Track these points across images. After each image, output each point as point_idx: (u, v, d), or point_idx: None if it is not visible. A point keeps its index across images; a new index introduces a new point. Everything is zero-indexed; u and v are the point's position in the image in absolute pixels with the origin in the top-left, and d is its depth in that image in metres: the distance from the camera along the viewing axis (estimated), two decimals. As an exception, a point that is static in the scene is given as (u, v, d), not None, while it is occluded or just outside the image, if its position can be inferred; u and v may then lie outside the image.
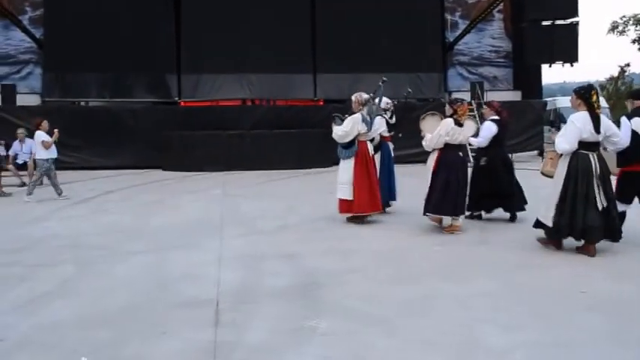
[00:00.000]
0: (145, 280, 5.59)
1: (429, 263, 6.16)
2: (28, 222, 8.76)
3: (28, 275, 5.79)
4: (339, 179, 8.15)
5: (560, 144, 6.18)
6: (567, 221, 6.11)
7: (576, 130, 6.05)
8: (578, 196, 6.07)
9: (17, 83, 18.63)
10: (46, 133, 11.05)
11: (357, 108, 8.09)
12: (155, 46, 18.43)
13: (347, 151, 8.09)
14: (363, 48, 19.05)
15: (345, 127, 8.00)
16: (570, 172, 6.12)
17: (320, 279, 5.52)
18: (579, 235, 6.17)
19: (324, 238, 7.37)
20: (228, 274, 5.72)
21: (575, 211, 6.06)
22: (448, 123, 7.42)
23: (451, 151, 7.47)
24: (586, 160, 6.10)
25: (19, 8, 19.01)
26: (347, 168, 8.07)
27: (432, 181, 7.48)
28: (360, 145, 8.07)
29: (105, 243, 7.24)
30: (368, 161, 8.10)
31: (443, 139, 7.39)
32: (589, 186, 6.07)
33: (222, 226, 8.19)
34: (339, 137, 8.08)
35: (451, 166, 7.42)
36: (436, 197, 7.40)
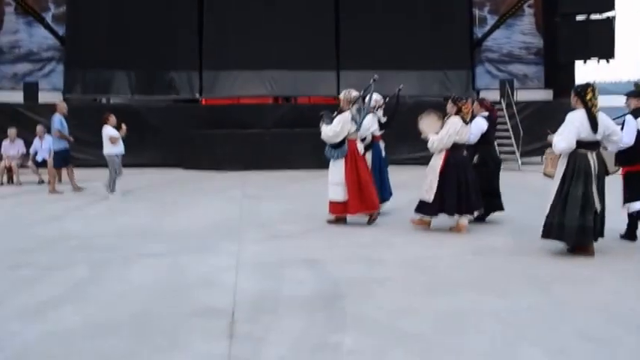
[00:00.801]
0: (158, 285, 5.27)
1: (462, 273, 5.73)
2: (44, 221, 8.52)
3: (39, 278, 5.52)
4: (331, 180, 7.90)
5: (558, 143, 6.07)
6: (558, 222, 6.04)
7: (573, 129, 5.96)
8: (570, 197, 5.99)
9: (40, 80, 18.49)
10: (113, 127, 11.03)
11: (345, 106, 7.83)
12: (177, 43, 18.18)
13: (336, 151, 7.84)
14: (387, 44, 18.57)
15: (335, 126, 7.73)
16: (567, 171, 6.06)
17: (344, 288, 5.14)
18: (571, 237, 6.09)
19: (347, 244, 6.98)
20: (245, 281, 5.37)
21: (565, 211, 5.99)
22: (456, 122, 7.21)
23: (458, 151, 7.31)
24: (584, 160, 6.02)
25: (43, 5, 18.88)
26: (338, 169, 7.84)
27: (442, 182, 7.23)
28: (349, 144, 7.83)
29: (120, 244, 6.94)
30: (357, 160, 7.87)
31: (452, 138, 7.19)
32: (586, 186, 5.98)
33: (240, 229, 7.85)
34: (330, 138, 7.81)
35: (460, 166, 7.26)
36: (453, 199, 7.20)
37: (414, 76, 18.92)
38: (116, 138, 10.93)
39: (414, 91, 18.84)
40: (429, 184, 7.33)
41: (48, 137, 13.51)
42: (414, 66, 18.85)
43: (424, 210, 7.46)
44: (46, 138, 13.50)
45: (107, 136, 10.97)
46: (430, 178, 7.34)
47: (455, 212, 7.34)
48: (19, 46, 18.86)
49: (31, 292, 5.04)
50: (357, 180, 7.76)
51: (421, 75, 19.03)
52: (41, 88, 17.94)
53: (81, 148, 16.71)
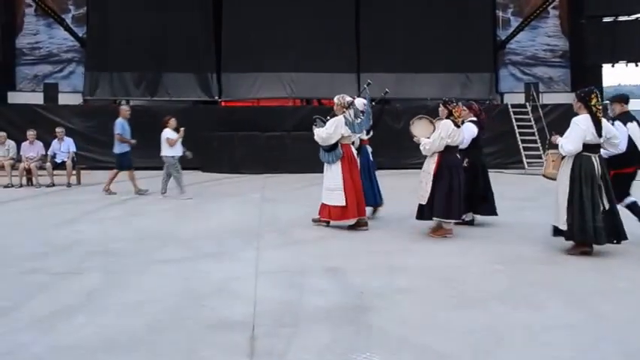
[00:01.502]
0: (174, 294, 5.05)
1: (491, 284, 5.43)
2: (59, 225, 8.36)
3: (51, 285, 5.34)
4: (328, 185, 7.86)
5: (566, 146, 6.22)
6: (579, 224, 6.17)
7: (580, 133, 6.14)
8: (584, 198, 6.15)
9: (59, 82, 18.51)
10: (172, 130, 11.09)
11: (339, 111, 7.83)
12: (197, 44, 18.09)
13: (330, 155, 7.83)
14: (409, 46, 18.33)
15: (328, 128, 7.74)
16: (574, 174, 6.22)
17: (367, 300, 4.89)
18: (591, 237, 6.20)
19: (369, 251, 6.74)
20: (265, 290, 5.13)
21: (584, 212, 6.14)
22: (448, 124, 7.21)
23: (451, 154, 7.33)
24: (589, 162, 6.21)
25: (63, 7, 18.90)
26: (335, 173, 7.80)
27: (435, 185, 7.20)
28: (344, 148, 7.83)
29: (135, 250, 6.75)
30: (353, 165, 7.88)
31: (445, 141, 7.18)
32: (593, 187, 6.17)
33: (259, 234, 7.63)
34: (322, 140, 7.82)
35: (452, 169, 7.27)
36: (443, 202, 7.18)
37: (435, 78, 18.64)
38: (174, 140, 10.97)
39: (435, 93, 18.50)
40: (424, 189, 7.31)
41: (67, 139, 13.45)
42: (436, 68, 18.57)
43: (424, 215, 7.43)
44: (65, 140, 13.42)
45: (165, 138, 11.04)
46: (425, 182, 7.32)
47: (445, 216, 7.28)
48: (39, 48, 18.88)
49: (43, 300, 4.85)
50: (353, 185, 7.77)
51: (443, 78, 18.72)
52: (61, 90, 17.92)
53: (102, 151, 16.69)
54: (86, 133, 16.54)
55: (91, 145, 16.33)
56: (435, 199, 7.20)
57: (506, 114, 17.83)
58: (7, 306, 4.67)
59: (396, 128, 16.90)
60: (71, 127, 15.62)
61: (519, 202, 10.42)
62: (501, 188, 12.10)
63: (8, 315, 4.47)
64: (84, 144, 15.45)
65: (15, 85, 18.70)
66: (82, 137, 15.65)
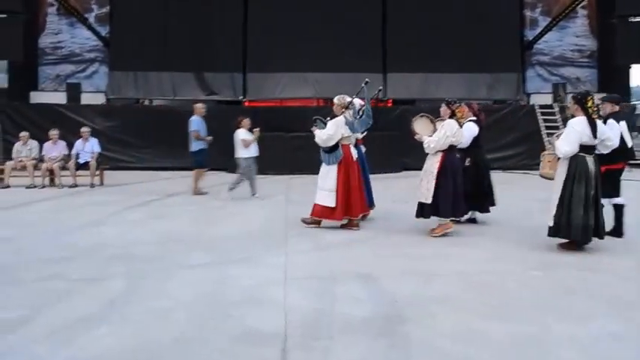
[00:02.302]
0: (200, 302, 4.82)
1: (531, 292, 5.14)
2: (81, 227, 8.20)
3: (71, 291, 5.12)
4: (322, 185, 7.90)
5: (563, 147, 6.39)
6: (566, 221, 6.41)
7: (577, 135, 6.33)
8: (574, 197, 6.37)
9: (82, 82, 18.50)
10: (247, 131, 10.80)
11: (339, 111, 7.90)
12: (221, 44, 17.97)
13: (331, 157, 7.86)
14: (435, 46, 18.03)
15: (329, 130, 7.77)
16: (569, 174, 6.42)
17: (404, 309, 4.62)
18: (577, 235, 6.42)
19: (401, 255, 6.46)
20: (296, 298, 4.89)
21: (571, 211, 6.37)
22: (452, 124, 7.31)
23: (453, 153, 7.41)
24: (584, 163, 6.40)
25: (85, 6, 18.90)
26: (331, 174, 7.84)
27: (439, 184, 7.24)
28: (343, 149, 7.86)
29: (159, 254, 6.54)
30: (350, 166, 7.87)
31: (449, 140, 7.25)
32: (587, 187, 6.37)
33: (287, 238, 7.39)
34: (323, 141, 7.84)
35: (455, 168, 7.35)
36: (448, 201, 7.23)
37: (461, 78, 18.34)
38: (249, 141, 10.65)
39: (461, 94, 18.19)
40: (426, 187, 7.32)
41: (92, 139, 13.35)
42: (462, 68, 18.27)
43: (425, 213, 7.43)
44: (90, 140, 13.32)
45: (240, 139, 10.70)
46: (427, 180, 7.34)
47: (450, 215, 7.36)
48: (62, 47, 18.88)
49: (62, 309, 4.64)
50: (347, 186, 7.76)
51: (469, 78, 18.42)
52: (84, 90, 17.89)
53: (125, 151, 16.65)
54: (109, 133, 16.49)
55: (113, 145, 16.28)
56: (440, 199, 7.22)
57: (533, 115, 17.47)
58: (25, 315, 4.46)
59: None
60: (94, 126, 15.52)
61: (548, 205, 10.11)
62: (528, 190, 11.81)
63: (25, 325, 4.27)
64: (106, 144, 15.36)
65: (37, 84, 18.73)
66: (104, 137, 15.57)
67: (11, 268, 5.92)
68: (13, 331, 4.17)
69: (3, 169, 12.95)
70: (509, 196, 10.78)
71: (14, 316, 4.44)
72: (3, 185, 12.75)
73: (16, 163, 12.96)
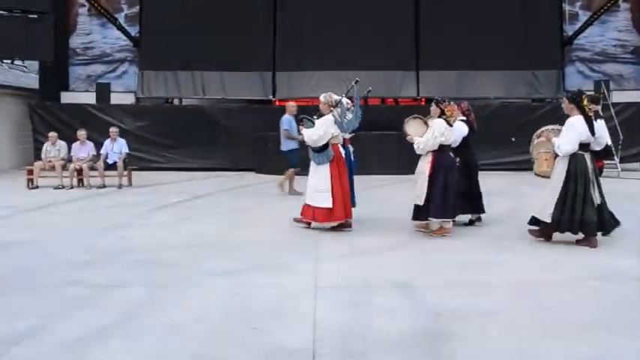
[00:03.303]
0: (224, 313, 4.44)
1: (590, 306, 4.64)
2: (106, 229, 7.93)
3: (89, 299, 4.80)
4: (315, 186, 7.65)
5: (563, 146, 6.47)
6: (567, 217, 6.47)
7: (577, 133, 6.42)
8: (577, 195, 6.46)
9: (112, 82, 18.38)
10: None
11: (326, 110, 7.71)
12: (250, 43, 17.65)
13: (321, 156, 7.65)
14: (471, 43, 17.39)
15: (319, 129, 7.59)
16: (570, 172, 6.50)
17: (447, 324, 4.18)
18: (577, 229, 6.57)
19: (442, 263, 6.00)
20: (326, 310, 4.48)
21: (574, 209, 6.44)
22: (441, 123, 7.21)
23: (445, 153, 7.30)
24: (583, 161, 6.50)
25: (115, 6, 18.79)
26: (324, 174, 7.61)
27: (431, 185, 7.15)
28: (333, 148, 7.67)
29: (183, 259, 6.21)
30: (341, 165, 7.72)
31: (438, 140, 7.15)
32: (586, 185, 6.48)
33: (317, 243, 6.99)
34: (314, 141, 7.63)
35: (447, 168, 7.24)
36: (438, 201, 7.11)
37: (499, 76, 17.71)
38: None
39: (499, 92, 17.63)
40: (419, 188, 7.25)
41: (120, 140, 13.18)
42: (500, 66, 17.61)
43: (420, 216, 7.33)
44: (118, 140, 13.14)
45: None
46: (420, 182, 7.26)
47: (441, 216, 7.22)
48: (92, 48, 18.84)
49: (78, 318, 4.31)
50: (341, 186, 7.60)
51: (507, 75, 17.75)
52: (113, 90, 17.77)
53: (154, 151, 16.48)
54: (138, 133, 16.35)
55: (142, 145, 16.14)
56: (432, 200, 7.14)
57: (574, 113, 16.76)
58: (38, 325, 4.15)
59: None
60: (123, 126, 15.41)
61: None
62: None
63: (37, 336, 3.94)
64: (135, 144, 15.22)
65: (68, 85, 18.70)
66: (133, 137, 15.44)
67: (32, 273, 5.66)
68: (19, 342, 3.86)
69: (32, 169, 12.86)
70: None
71: (23, 326, 4.13)
72: (32, 186, 12.64)
73: (44, 164, 12.85)
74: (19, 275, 5.58)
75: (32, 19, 16.41)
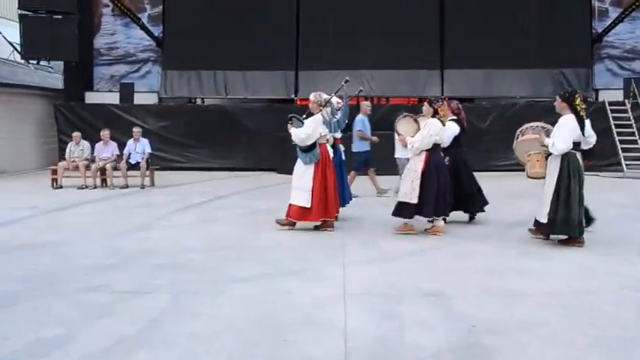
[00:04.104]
0: (252, 322, 4.28)
1: (635, 317, 4.40)
2: (129, 231, 7.86)
3: (113, 306, 4.68)
4: (297, 184, 7.68)
5: (558, 145, 6.49)
6: (564, 217, 6.47)
7: (570, 132, 6.46)
8: (572, 194, 6.48)
9: (136, 82, 18.40)
10: None
11: (315, 109, 7.68)
12: (273, 42, 17.52)
13: (308, 156, 7.62)
14: (497, 41, 17.05)
15: (307, 129, 7.54)
16: (564, 171, 6.52)
17: (484, 337, 3.98)
18: (573, 230, 6.56)
19: (475, 270, 5.79)
20: (357, 320, 4.30)
21: (571, 207, 6.46)
22: (436, 123, 7.21)
23: (437, 152, 7.33)
24: (575, 159, 6.56)
25: (139, 6, 18.81)
26: (307, 173, 7.62)
27: (424, 184, 7.13)
28: (321, 148, 7.66)
29: (208, 263, 6.09)
30: (327, 165, 7.68)
31: (433, 139, 7.17)
32: (579, 183, 6.54)
33: (343, 247, 6.82)
34: (301, 140, 7.60)
35: (439, 167, 7.26)
36: (433, 201, 7.14)
37: (526, 75, 17.35)
38: None
39: (526, 91, 17.28)
40: (410, 186, 7.19)
41: (143, 140, 13.15)
42: (527, 64, 17.25)
43: (404, 213, 7.32)
44: (141, 140, 13.10)
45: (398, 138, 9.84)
46: (411, 180, 7.21)
47: (433, 215, 7.28)
48: (116, 48, 18.88)
49: (101, 327, 4.19)
50: (324, 186, 7.56)
51: (534, 74, 17.38)
52: (137, 90, 17.78)
53: (176, 151, 16.45)
54: (160, 133, 16.33)
55: (165, 145, 16.12)
56: (425, 199, 7.13)
57: (603, 112, 16.37)
58: (60, 335, 4.03)
59: (482, 128, 15.84)
60: (146, 126, 15.40)
61: (628, 210, 9.35)
62: (602, 194, 10.86)
63: (60, 347, 3.82)
64: (158, 144, 15.20)
65: (92, 85, 18.76)
66: (156, 137, 15.42)
67: (56, 277, 5.58)
68: (48, 354, 3.74)
69: (56, 169, 12.88)
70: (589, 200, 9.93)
71: (51, 335, 4.02)
72: (56, 185, 12.67)
73: (68, 164, 12.86)
74: (42, 279, 5.50)
75: (57, 19, 16.50)
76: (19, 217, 8.98)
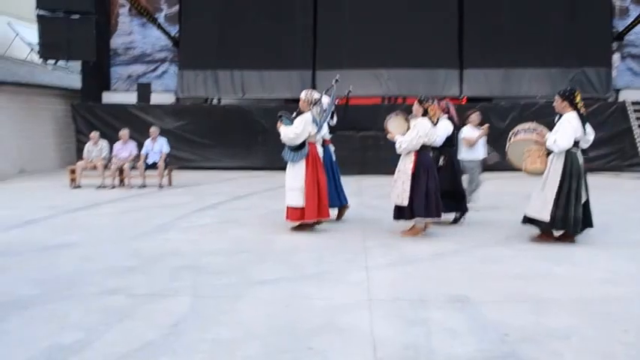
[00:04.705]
0: (274, 329, 4.17)
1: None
2: (148, 232, 7.80)
3: (132, 310, 4.60)
4: (289, 185, 7.56)
5: (561, 142, 6.47)
6: (562, 214, 6.53)
7: (573, 130, 6.45)
8: (571, 192, 6.52)
9: (153, 82, 18.44)
10: (473, 127, 9.12)
11: (305, 108, 7.59)
12: (290, 42, 17.46)
13: (296, 154, 7.53)
14: (516, 40, 16.88)
15: (296, 128, 7.46)
16: (566, 169, 6.53)
17: (519, 346, 3.83)
18: (570, 227, 6.59)
19: (501, 274, 5.64)
20: (383, 327, 4.18)
21: (569, 205, 6.51)
22: (425, 123, 7.14)
23: (426, 153, 7.27)
24: (577, 158, 6.58)
25: (155, 6, 18.85)
26: (298, 173, 7.51)
27: (414, 185, 7.10)
28: (310, 147, 7.56)
29: (229, 266, 5.99)
30: (318, 165, 7.59)
31: (422, 140, 7.11)
32: (579, 182, 6.55)
33: (365, 249, 6.70)
34: (290, 140, 7.52)
35: (429, 168, 7.21)
36: (422, 201, 7.08)
37: (545, 74, 17.13)
38: (473, 140, 8.92)
39: (545, 91, 17.01)
40: (401, 188, 7.16)
41: (161, 139, 13.12)
42: (546, 63, 17.06)
43: (403, 215, 7.27)
44: (158, 140, 13.08)
45: (461, 137, 8.94)
46: (402, 181, 7.18)
47: (424, 215, 7.17)
48: (133, 48, 18.91)
49: (121, 332, 4.10)
50: (316, 185, 7.48)
51: (554, 73, 17.15)
52: (154, 90, 17.80)
53: (193, 150, 16.44)
54: (178, 132, 16.33)
55: (182, 145, 16.12)
56: (415, 199, 7.10)
57: (623, 112, 16.15)
58: (79, 339, 3.95)
59: (501, 128, 15.61)
60: (163, 126, 15.39)
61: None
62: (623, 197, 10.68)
63: (78, 353, 3.72)
64: (176, 143, 15.18)
65: (110, 85, 18.80)
66: (173, 137, 15.40)
67: (74, 279, 5.51)
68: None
69: (74, 169, 12.89)
70: (611, 202, 9.76)
71: (69, 340, 3.94)
72: (74, 185, 12.68)
73: (86, 163, 12.88)
74: (60, 281, 5.43)
75: (75, 19, 16.56)
76: (37, 217, 8.96)
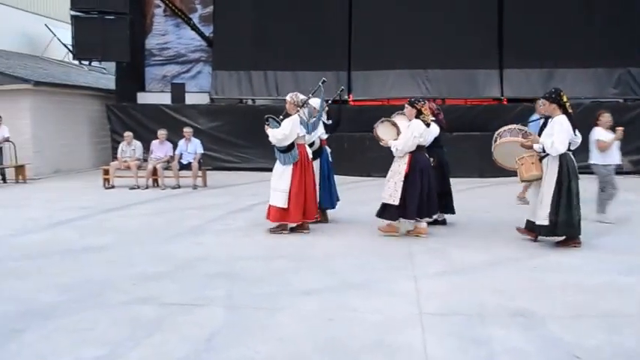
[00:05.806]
0: (317, 346, 3.78)
1: None
2: (181, 235, 7.50)
3: (162, 322, 4.25)
4: (275, 185, 7.55)
5: (558, 146, 6.34)
6: (565, 218, 6.34)
7: (567, 132, 6.35)
8: (572, 194, 6.38)
9: (187, 82, 18.28)
10: (605, 130, 8.23)
11: (292, 110, 7.55)
12: (325, 42, 17.07)
13: (286, 156, 7.51)
14: (558, 39, 16.13)
15: (284, 129, 7.41)
16: (563, 172, 6.40)
17: (593, 371, 3.39)
18: (575, 230, 6.47)
19: (561, 285, 5.15)
20: (439, 347, 3.75)
21: (572, 207, 6.36)
22: (418, 124, 7.14)
23: (421, 153, 7.25)
24: (571, 160, 6.48)
25: (190, 6, 18.67)
26: (285, 174, 7.49)
27: (407, 186, 7.07)
28: (299, 149, 7.52)
29: (266, 273, 5.63)
30: (306, 167, 7.57)
31: (417, 140, 7.11)
32: (576, 183, 6.43)
33: (411, 256, 6.27)
34: (278, 141, 7.48)
35: (423, 169, 7.17)
36: (416, 202, 7.05)
37: (589, 74, 16.36)
38: (606, 144, 8.08)
39: (589, 91, 16.29)
40: (393, 188, 7.15)
41: (195, 140, 12.92)
42: (589, 63, 16.25)
43: (387, 214, 7.23)
44: (192, 140, 12.87)
45: (594, 140, 8.17)
46: (394, 182, 7.16)
47: (416, 216, 7.16)
48: (168, 48, 18.80)
49: (149, 348, 3.75)
50: (303, 189, 7.45)
51: (598, 73, 16.39)
52: (188, 90, 17.64)
53: (227, 151, 16.21)
54: (212, 133, 16.13)
55: (216, 146, 15.92)
56: (408, 201, 7.06)
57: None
58: (103, 356, 3.61)
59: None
60: (197, 127, 15.22)
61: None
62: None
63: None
64: (210, 144, 14.97)
65: (144, 85, 18.71)
66: (208, 137, 15.19)
67: (101, 286, 5.22)
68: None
69: (108, 169, 12.76)
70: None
71: (92, 356, 3.62)
72: (108, 185, 12.55)
73: (120, 164, 12.74)
74: (89, 287, 5.15)
75: (109, 20, 16.46)
76: (68, 218, 8.76)
